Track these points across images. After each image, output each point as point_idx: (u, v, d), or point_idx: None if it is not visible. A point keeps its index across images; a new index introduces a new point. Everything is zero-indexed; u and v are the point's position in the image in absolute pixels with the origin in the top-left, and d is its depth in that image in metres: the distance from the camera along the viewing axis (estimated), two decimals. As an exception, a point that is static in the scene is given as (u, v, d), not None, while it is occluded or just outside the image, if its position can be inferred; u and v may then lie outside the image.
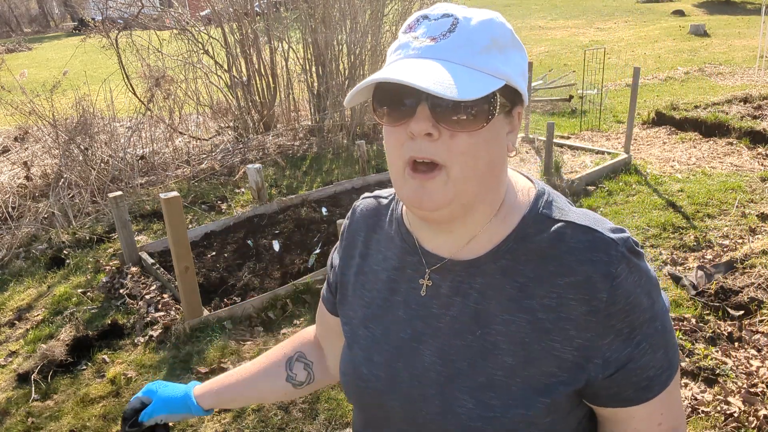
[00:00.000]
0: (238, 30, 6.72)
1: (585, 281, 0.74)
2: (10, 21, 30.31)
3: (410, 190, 0.75)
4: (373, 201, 0.98)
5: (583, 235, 0.77)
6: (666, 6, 20.31)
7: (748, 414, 2.55)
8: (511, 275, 0.78)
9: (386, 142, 0.78)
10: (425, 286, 0.85)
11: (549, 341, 0.76)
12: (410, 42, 0.74)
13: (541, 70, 10.66)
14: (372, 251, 0.94)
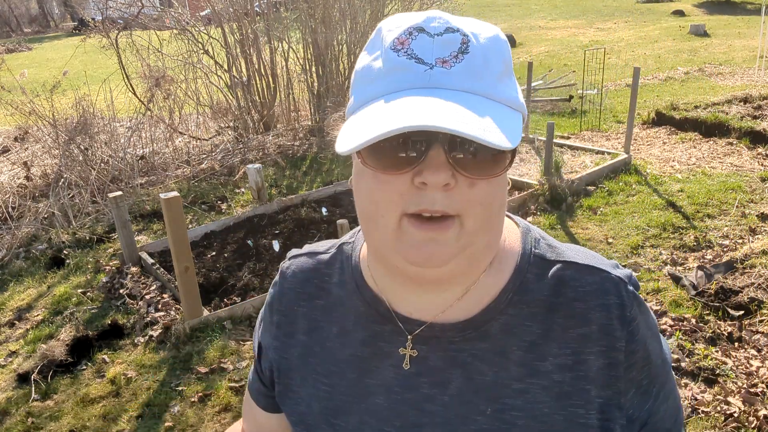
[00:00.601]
0: (238, 30, 6.72)
1: (600, 330, 0.66)
2: (10, 21, 30.31)
3: (413, 246, 0.60)
4: (309, 260, 0.80)
5: (589, 276, 0.68)
6: (666, 6, 20.32)
7: (748, 414, 2.55)
8: (517, 334, 0.67)
9: (372, 192, 0.62)
10: (408, 357, 0.69)
11: (571, 408, 0.66)
12: (413, 65, 0.59)
13: (541, 70, 10.66)
14: (322, 324, 0.76)
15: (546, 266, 0.69)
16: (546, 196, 4.95)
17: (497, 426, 0.66)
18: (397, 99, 0.58)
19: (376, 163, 0.60)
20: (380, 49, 0.61)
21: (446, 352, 0.68)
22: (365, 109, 0.61)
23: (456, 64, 0.58)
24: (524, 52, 13.83)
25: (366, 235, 0.68)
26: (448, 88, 0.58)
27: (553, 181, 4.98)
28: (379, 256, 0.68)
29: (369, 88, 0.62)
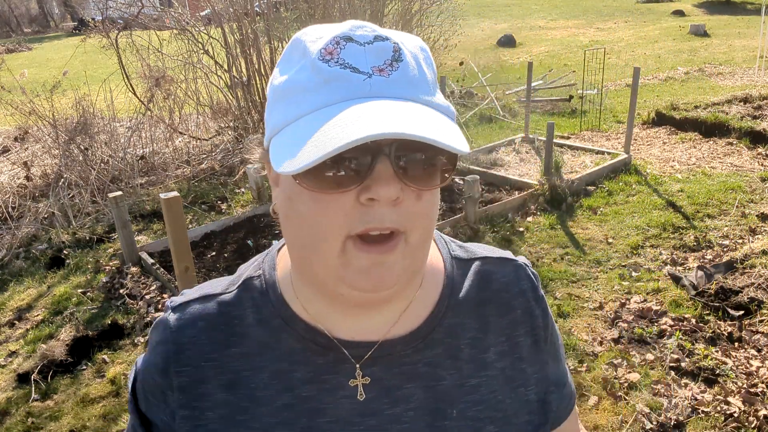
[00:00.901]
0: (238, 30, 6.72)
1: (524, 313, 0.72)
2: (10, 21, 30.32)
3: (361, 272, 0.57)
4: (206, 305, 0.69)
5: (503, 267, 0.73)
6: (666, 6, 20.32)
7: (748, 414, 2.55)
8: (460, 334, 0.69)
9: (312, 216, 0.57)
10: (360, 386, 0.65)
11: (517, 389, 0.70)
12: (350, 74, 0.55)
13: (541, 70, 10.66)
14: (245, 375, 0.66)
15: (465, 266, 0.72)
16: (546, 196, 4.95)
17: (464, 424, 0.67)
18: (345, 110, 0.53)
19: (315, 183, 0.55)
20: (304, 60, 0.57)
21: (400, 368, 0.66)
22: (300, 123, 0.55)
23: (393, 72, 0.56)
24: (524, 52, 13.83)
25: (302, 266, 0.62)
26: (390, 97, 0.55)
27: (553, 181, 4.98)
28: (320, 285, 0.62)
29: (301, 102, 0.56)
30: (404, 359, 0.66)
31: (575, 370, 2.95)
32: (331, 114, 0.53)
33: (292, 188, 0.58)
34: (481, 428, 0.67)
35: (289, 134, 0.56)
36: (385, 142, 0.54)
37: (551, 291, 3.70)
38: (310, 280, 0.63)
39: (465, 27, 10.80)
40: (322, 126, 0.53)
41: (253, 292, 0.69)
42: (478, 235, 4.41)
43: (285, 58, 0.61)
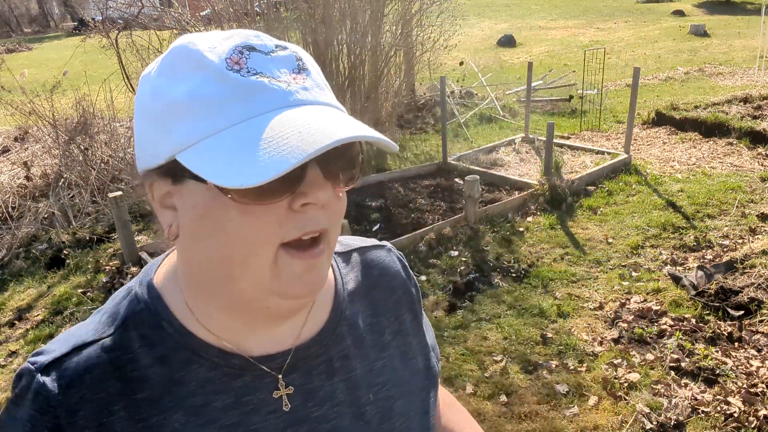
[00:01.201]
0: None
1: (404, 292, 0.78)
2: (10, 21, 30.32)
3: (294, 278, 0.57)
4: (83, 358, 0.60)
5: (378, 252, 0.78)
6: (666, 6, 20.31)
7: (748, 414, 2.55)
8: (360, 323, 0.72)
9: (242, 229, 0.55)
10: (285, 397, 0.64)
11: (410, 362, 0.76)
12: (269, 83, 0.54)
13: (541, 70, 10.66)
14: (156, 420, 0.60)
15: (347, 258, 0.76)
16: (546, 196, 4.95)
17: (381, 405, 0.71)
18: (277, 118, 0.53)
19: (250, 195, 0.53)
20: (205, 71, 0.54)
21: (318, 368, 0.67)
22: (227, 135, 0.53)
23: (305, 80, 0.57)
24: (524, 52, 13.83)
25: (217, 284, 0.59)
26: (314, 103, 0.56)
27: (553, 181, 4.98)
28: (244, 303, 0.60)
29: (216, 114, 0.53)
30: (319, 359, 0.67)
31: (575, 370, 2.95)
32: (264, 123, 0.52)
33: (212, 205, 0.55)
34: (392, 406, 0.71)
35: (215, 148, 0.52)
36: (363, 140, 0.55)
37: (551, 291, 3.70)
38: (230, 300, 0.60)
39: (465, 27, 10.79)
40: (263, 135, 0.51)
41: (140, 330, 0.62)
42: (478, 235, 4.41)
43: (168, 68, 0.57)
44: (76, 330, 0.64)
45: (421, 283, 3.84)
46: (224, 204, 0.54)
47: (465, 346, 3.18)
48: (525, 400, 2.76)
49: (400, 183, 5.62)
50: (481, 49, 14.26)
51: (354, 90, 7.34)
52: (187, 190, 0.57)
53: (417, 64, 8.39)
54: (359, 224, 4.67)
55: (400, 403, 0.72)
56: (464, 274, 3.90)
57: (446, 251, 4.20)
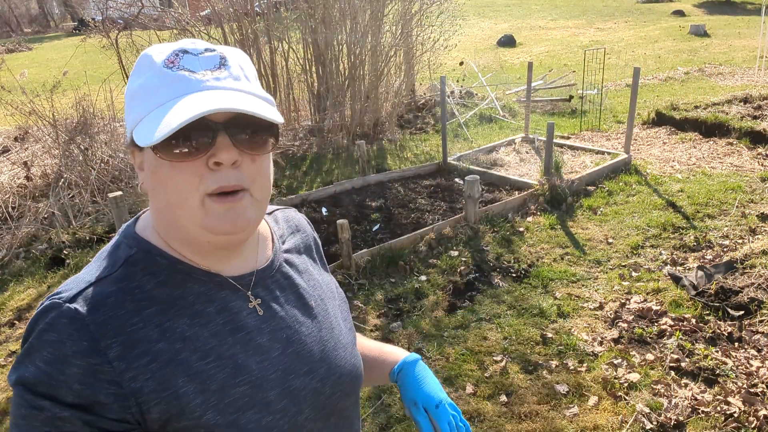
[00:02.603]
0: (238, 30, 6.72)
1: (314, 240, 1.07)
2: (10, 21, 30.31)
3: (219, 217, 0.76)
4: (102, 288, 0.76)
5: (291, 212, 1.07)
6: (666, 6, 20.31)
7: (748, 414, 2.55)
8: (292, 254, 0.98)
9: (171, 180, 0.75)
10: (256, 306, 0.86)
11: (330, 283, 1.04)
12: (188, 75, 0.75)
13: (541, 70, 10.66)
14: (168, 325, 0.78)
15: (273, 216, 1.01)
16: (546, 196, 4.95)
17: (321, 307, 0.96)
18: (186, 98, 0.73)
19: (173, 155, 0.73)
20: (153, 69, 0.76)
21: (273, 284, 0.90)
22: (154, 113, 0.74)
23: (221, 73, 0.77)
24: (524, 52, 13.83)
25: (173, 224, 0.80)
26: (221, 88, 0.75)
27: (553, 181, 4.98)
28: (192, 236, 0.80)
29: (152, 98, 0.75)
30: (273, 278, 0.91)
31: (575, 370, 2.95)
32: (176, 103, 0.73)
33: (155, 163, 0.75)
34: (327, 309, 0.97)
35: (147, 122, 0.74)
36: (222, 120, 0.74)
37: (551, 291, 3.70)
38: (182, 234, 0.80)
39: (465, 27, 10.79)
40: (169, 111, 0.72)
41: (139, 265, 0.80)
42: (478, 235, 4.41)
43: (135, 69, 0.79)
44: (82, 275, 0.80)
45: (421, 283, 3.84)
46: (161, 162, 0.75)
47: (465, 346, 3.18)
48: (525, 400, 2.76)
49: (400, 183, 5.62)
50: (481, 49, 14.26)
51: (354, 90, 7.34)
52: (147, 155, 0.77)
53: (417, 64, 8.39)
54: (359, 224, 4.66)
55: (331, 306, 0.99)
56: (464, 274, 3.90)
57: (446, 251, 4.20)
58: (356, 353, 0.99)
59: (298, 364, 0.87)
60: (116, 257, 0.81)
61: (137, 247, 0.82)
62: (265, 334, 0.85)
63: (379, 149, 7.00)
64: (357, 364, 0.97)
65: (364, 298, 3.70)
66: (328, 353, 0.92)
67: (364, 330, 3.36)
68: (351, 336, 1.00)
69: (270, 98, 0.82)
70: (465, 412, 2.71)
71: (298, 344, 0.89)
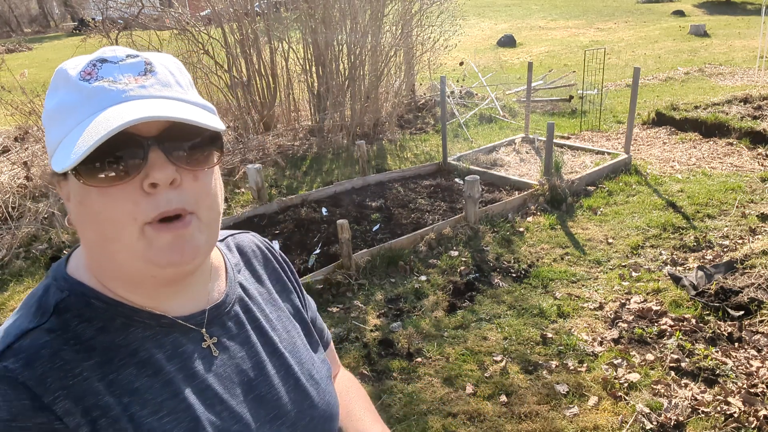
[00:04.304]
0: (238, 30, 6.72)
1: (270, 255, 0.96)
2: (10, 21, 30.31)
3: (164, 247, 0.66)
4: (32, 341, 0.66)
5: (244, 237, 0.97)
6: (666, 6, 20.31)
7: (748, 414, 2.55)
8: (248, 285, 0.88)
9: (106, 210, 0.64)
10: (211, 347, 0.77)
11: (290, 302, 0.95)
12: (108, 86, 0.65)
13: (541, 70, 10.66)
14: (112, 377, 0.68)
15: (225, 244, 0.92)
16: (546, 196, 4.95)
17: (288, 341, 0.88)
18: (105, 112, 0.63)
19: (99, 180, 0.63)
20: (67, 85, 0.66)
21: (230, 322, 0.81)
22: (72, 135, 0.63)
23: (147, 80, 0.67)
24: (524, 52, 13.83)
25: (108, 261, 0.69)
26: (146, 97, 0.65)
27: (553, 181, 4.98)
28: (131, 273, 0.70)
29: (69, 117, 0.65)
30: (229, 314, 0.81)
31: (575, 370, 2.95)
32: (94, 118, 0.63)
33: (81, 192, 0.66)
34: (294, 341, 0.89)
35: (64, 145, 0.63)
36: (153, 134, 0.64)
37: (551, 291, 3.70)
38: (120, 272, 0.70)
39: (465, 27, 10.80)
40: (86, 128, 0.62)
41: (73, 312, 0.69)
42: (478, 235, 4.41)
43: (51, 88, 0.69)
44: (8, 327, 0.69)
45: (421, 283, 3.84)
46: (87, 190, 0.65)
47: (465, 346, 3.18)
48: (525, 400, 2.76)
49: (400, 183, 5.62)
50: (481, 49, 14.26)
51: (354, 90, 7.34)
52: (71, 183, 0.67)
53: (417, 64, 8.39)
54: (359, 224, 4.66)
55: (297, 338, 0.90)
56: (464, 274, 3.90)
57: (446, 251, 4.20)
58: (330, 389, 0.90)
59: (263, 410, 0.79)
60: (46, 303, 0.70)
61: (69, 291, 0.71)
62: (223, 379, 0.76)
63: (379, 149, 7.00)
64: (331, 401, 0.89)
65: (364, 298, 3.70)
66: (299, 393, 0.84)
67: (364, 330, 3.36)
68: (324, 369, 0.91)
69: (209, 105, 0.72)
70: (465, 412, 2.71)
71: (263, 386, 0.80)
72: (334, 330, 3.36)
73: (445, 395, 2.82)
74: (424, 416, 2.69)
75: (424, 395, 2.83)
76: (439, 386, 2.89)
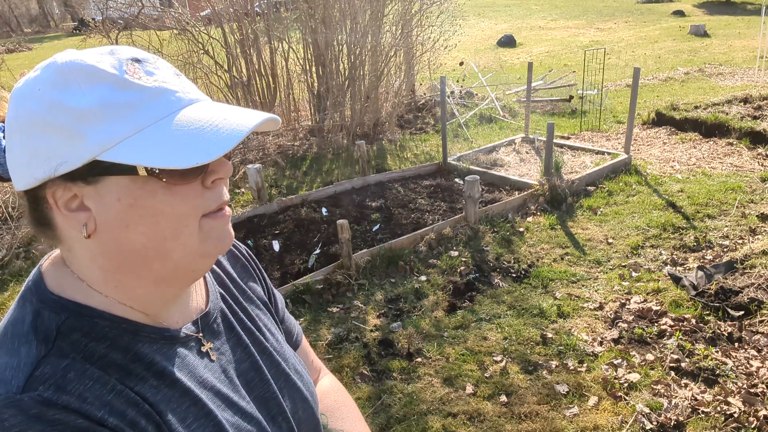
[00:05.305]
0: (239, 30, 6.72)
1: (238, 253, 0.98)
2: (11, 21, 30.31)
3: (220, 237, 0.72)
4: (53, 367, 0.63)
5: None
6: (666, 6, 20.31)
7: (748, 414, 2.55)
8: (227, 290, 0.90)
9: (173, 207, 0.66)
10: (209, 351, 0.80)
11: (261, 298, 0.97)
12: (167, 89, 0.66)
13: (541, 70, 10.66)
14: (138, 388, 0.68)
15: None
16: (546, 196, 4.95)
17: (272, 339, 0.91)
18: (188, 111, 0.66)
19: (174, 176, 0.65)
20: (106, 82, 0.62)
21: (219, 327, 0.84)
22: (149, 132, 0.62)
23: (185, 82, 0.70)
24: (524, 52, 13.83)
25: (157, 262, 0.69)
26: (201, 100, 0.69)
27: (553, 181, 4.98)
28: (174, 272, 0.72)
29: (133, 117, 0.62)
30: (217, 320, 0.84)
31: (575, 370, 2.95)
32: (183, 117, 0.65)
33: (137, 194, 0.65)
34: (278, 338, 0.93)
35: (142, 143, 0.62)
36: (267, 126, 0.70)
37: (551, 291, 3.70)
38: (161, 273, 0.71)
39: (465, 27, 10.80)
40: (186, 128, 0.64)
41: (78, 333, 0.67)
42: (478, 235, 4.41)
43: (62, 82, 0.63)
44: (9, 361, 0.63)
45: (421, 283, 3.84)
46: (153, 189, 0.65)
47: (465, 346, 3.18)
48: (525, 400, 2.76)
49: (400, 183, 5.62)
50: (481, 49, 14.27)
51: (354, 90, 7.34)
52: (105, 188, 0.64)
53: (417, 64, 8.39)
54: (359, 224, 4.66)
55: (278, 333, 0.95)
56: (464, 274, 3.90)
57: (446, 251, 4.20)
58: (309, 379, 0.95)
59: (264, 409, 0.83)
60: (44, 329, 0.65)
61: (65, 313, 0.67)
62: (227, 382, 0.80)
63: (379, 149, 6.99)
64: (313, 390, 0.94)
65: (364, 298, 3.70)
66: (290, 389, 0.89)
67: (364, 330, 3.36)
68: (298, 361, 0.96)
69: None
70: (465, 412, 2.71)
71: (261, 386, 0.84)
72: (334, 330, 3.37)
73: (445, 395, 2.82)
74: (424, 416, 2.69)
75: (424, 395, 2.83)
76: (439, 386, 2.89)
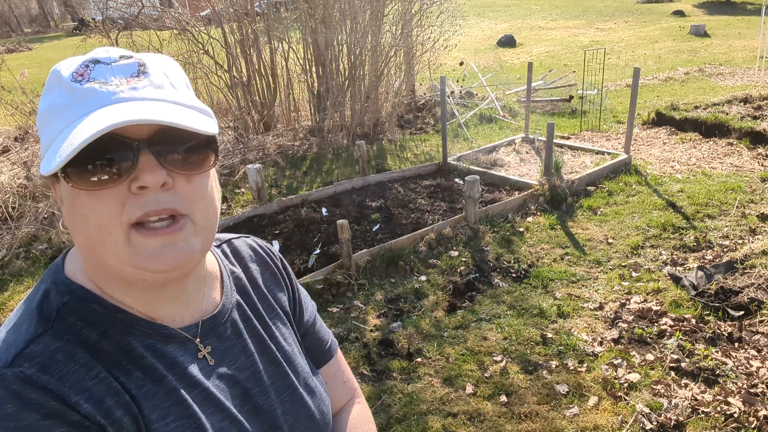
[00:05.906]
0: (239, 30, 6.72)
1: (269, 259, 0.94)
2: (11, 21, 30.31)
3: (152, 253, 0.65)
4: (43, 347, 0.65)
5: (241, 242, 0.96)
6: (666, 6, 20.31)
7: (748, 414, 2.55)
8: (249, 293, 0.88)
9: (92, 212, 0.64)
10: (207, 356, 0.77)
11: (283, 308, 0.93)
12: (99, 88, 0.64)
13: (541, 70, 10.66)
14: (122, 379, 0.68)
15: (221, 249, 0.91)
16: (546, 197, 4.95)
17: (284, 350, 0.87)
18: (92, 115, 0.62)
19: (88, 182, 0.63)
20: (60, 86, 0.66)
21: (227, 331, 0.81)
22: (61, 136, 0.63)
23: (139, 82, 0.66)
24: (524, 52, 13.83)
25: (100, 265, 0.69)
26: (138, 99, 0.64)
27: (553, 181, 4.98)
28: (122, 277, 0.69)
29: (60, 119, 0.64)
30: (225, 324, 0.81)
31: (575, 370, 2.95)
32: (82, 120, 0.62)
33: (71, 195, 0.65)
34: (292, 350, 0.89)
35: (53, 147, 0.63)
36: (145, 137, 0.64)
37: (551, 291, 3.70)
38: (113, 275, 0.69)
39: (465, 27, 10.80)
40: (73, 130, 0.61)
41: (76, 316, 0.69)
42: (478, 235, 4.41)
43: (45, 90, 0.68)
44: (9, 336, 0.67)
45: (421, 283, 3.84)
46: (77, 193, 0.64)
47: (465, 346, 3.18)
48: (525, 400, 2.76)
49: (400, 183, 5.62)
50: (481, 49, 14.26)
51: (354, 90, 7.34)
52: (63, 186, 0.67)
53: (417, 64, 8.39)
54: (359, 224, 4.66)
55: (294, 345, 0.90)
56: (464, 274, 3.90)
57: (446, 251, 4.20)
58: (324, 397, 0.91)
59: (258, 422, 0.79)
60: (47, 309, 0.69)
61: (69, 295, 0.70)
62: (221, 388, 0.77)
63: (379, 149, 6.99)
64: (325, 410, 0.89)
65: (364, 298, 3.70)
66: (294, 404, 0.84)
67: (364, 330, 3.36)
68: (315, 377, 0.92)
69: (205, 108, 0.71)
70: (465, 412, 2.71)
71: (259, 397, 0.80)
72: (334, 330, 3.36)
73: (445, 395, 2.82)
74: (424, 416, 2.69)
75: (424, 395, 2.83)
76: (439, 386, 2.89)
